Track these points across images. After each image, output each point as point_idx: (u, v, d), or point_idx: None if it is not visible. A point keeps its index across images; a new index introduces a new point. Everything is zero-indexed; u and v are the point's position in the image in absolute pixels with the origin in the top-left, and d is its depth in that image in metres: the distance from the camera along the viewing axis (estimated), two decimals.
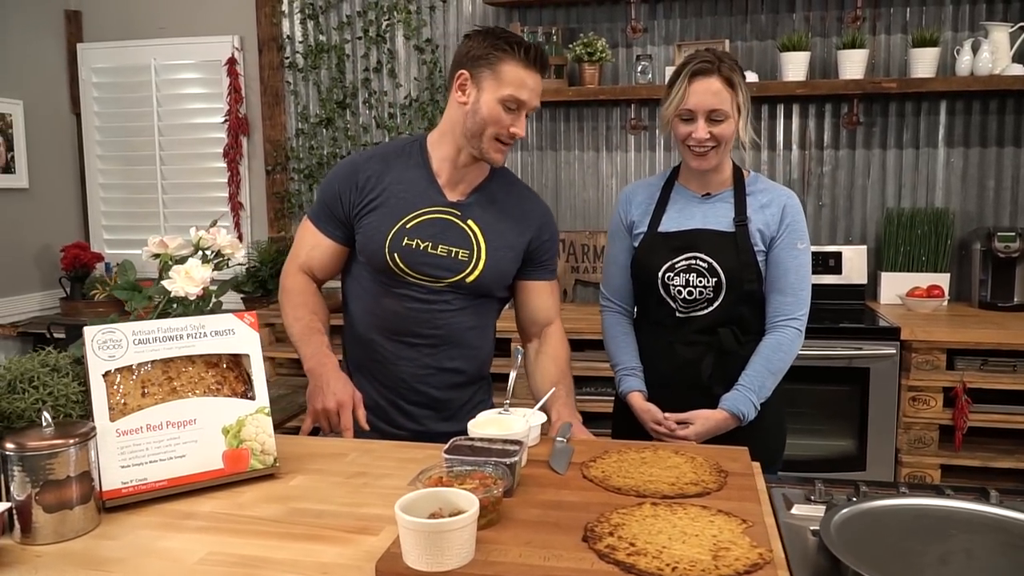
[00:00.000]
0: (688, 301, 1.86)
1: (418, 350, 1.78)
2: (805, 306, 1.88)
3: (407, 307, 1.76)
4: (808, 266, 1.89)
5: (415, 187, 1.77)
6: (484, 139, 1.70)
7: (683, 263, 1.86)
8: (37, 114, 3.90)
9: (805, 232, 1.89)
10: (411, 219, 1.74)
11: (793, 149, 3.51)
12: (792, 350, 1.85)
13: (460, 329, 1.79)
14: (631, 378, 1.93)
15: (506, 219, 1.80)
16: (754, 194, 1.89)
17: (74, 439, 1.19)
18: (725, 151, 1.84)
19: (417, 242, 1.73)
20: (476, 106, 1.69)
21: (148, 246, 1.50)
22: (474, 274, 1.75)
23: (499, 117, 1.67)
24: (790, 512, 1.28)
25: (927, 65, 3.15)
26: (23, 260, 3.84)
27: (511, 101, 1.67)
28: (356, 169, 1.79)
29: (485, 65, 1.67)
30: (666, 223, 1.91)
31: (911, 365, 2.88)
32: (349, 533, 1.18)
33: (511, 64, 1.66)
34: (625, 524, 1.14)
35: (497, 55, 1.66)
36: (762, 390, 1.81)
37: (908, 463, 2.92)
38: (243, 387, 1.42)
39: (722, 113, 1.78)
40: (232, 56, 3.90)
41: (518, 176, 2.01)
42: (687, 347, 1.87)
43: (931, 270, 3.31)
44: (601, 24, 3.59)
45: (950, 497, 1.25)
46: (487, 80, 1.67)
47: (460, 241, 1.75)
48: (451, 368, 1.80)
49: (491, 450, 1.31)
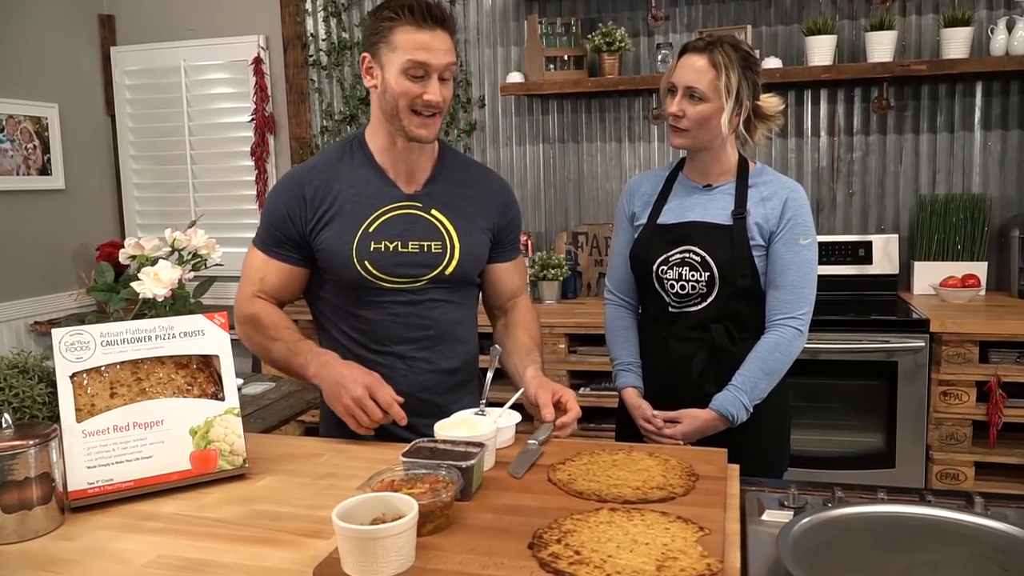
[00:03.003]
0: (681, 296, 1.81)
1: (412, 356, 1.69)
2: (807, 304, 1.79)
3: (392, 313, 1.67)
4: (812, 263, 1.81)
5: (368, 187, 1.67)
6: (401, 116, 1.59)
7: (677, 256, 1.81)
8: (72, 117, 4.00)
9: (810, 227, 1.81)
10: (373, 221, 1.65)
11: (821, 136, 3.39)
12: (790, 351, 1.78)
13: (450, 324, 1.72)
14: (627, 373, 1.89)
15: (471, 201, 1.72)
16: (756, 186, 1.82)
17: (34, 440, 1.21)
18: (701, 136, 1.77)
19: (385, 244, 1.64)
20: (384, 85, 1.59)
21: (125, 247, 1.52)
22: (452, 264, 1.67)
23: (407, 88, 1.56)
24: (760, 518, 1.23)
25: (960, 46, 3.01)
26: (61, 259, 3.96)
27: (413, 68, 1.55)
28: (300, 183, 1.66)
29: (379, 40, 1.58)
30: (665, 215, 1.87)
31: (941, 358, 2.76)
32: (301, 537, 1.17)
33: (401, 29, 1.55)
34: (576, 531, 1.11)
35: (386, 26, 1.56)
36: (755, 391, 1.75)
37: (939, 460, 2.81)
38: (213, 388, 1.42)
39: (699, 92, 1.73)
40: (258, 55, 3.94)
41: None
42: (680, 343, 1.82)
43: (967, 259, 3.17)
44: (622, 13, 3.52)
45: (930, 504, 1.18)
46: (385, 55, 1.57)
47: (429, 234, 1.67)
48: (447, 369, 1.72)
49: (452, 452, 1.28)
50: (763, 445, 1.82)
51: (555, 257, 3.41)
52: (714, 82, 1.72)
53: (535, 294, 3.43)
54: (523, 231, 3.66)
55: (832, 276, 3.25)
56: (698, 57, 1.74)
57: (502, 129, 3.75)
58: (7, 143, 3.67)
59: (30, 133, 3.78)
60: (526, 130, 3.72)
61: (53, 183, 3.90)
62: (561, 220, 3.73)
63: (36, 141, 3.81)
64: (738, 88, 1.73)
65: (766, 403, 1.78)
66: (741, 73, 1.74)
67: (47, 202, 3.89)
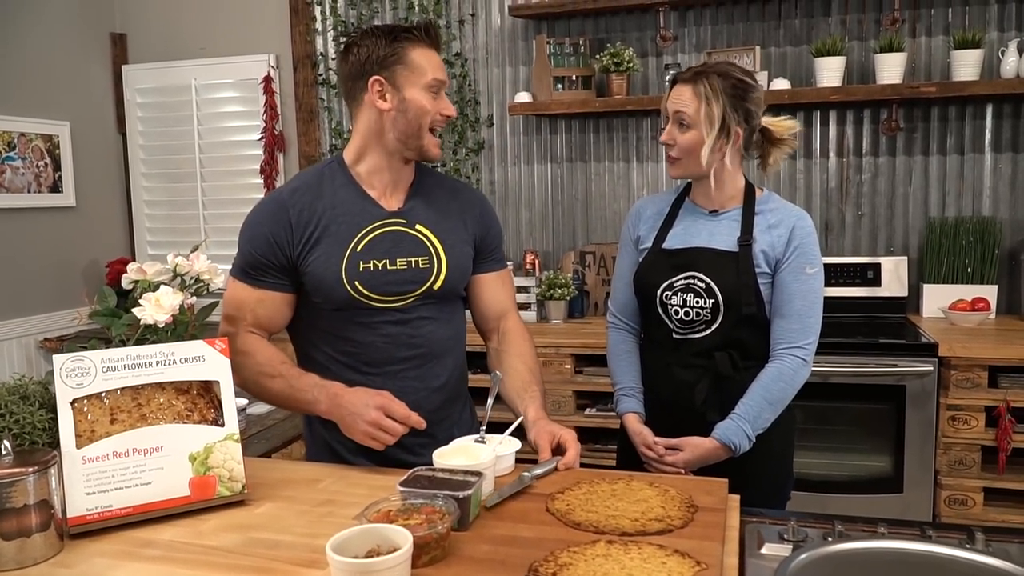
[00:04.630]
0: (685, 322, 1.80)
1: (403, 376, 1.67)
2: (812, 334, 1.78)
3: (383, 334, 1.65)
4: (818, 292, 1.79)
5: (352, 207, 1.66)
6: (423, 134, 1.64)
7: (681, 282, 1.80)
8: (84, 134, 4.04)
9: (816, 256, 1.80)
10: (360, 241, 1.64)
11: (830, 157, 3.38)
12: (795, 380, 1.76)
13: (439, 342, 1.71)
14: (628, 399, 1.88)
15: (450, 215, 1.73)
16: (763, 213, 1.81)
17: (33, 467, 1.21)
18: (692, 165, 1.78)
19: (374, 263, 1.63)
20: (403, 105, 1.61)
21: (128, 272, 1.53)
22: (440, 279, 1.67)
23: (429, 106, 1.62)
24: (759, 552, 1.22)
25: (970, 67, 2.99)
26: (71, 276, 3.98)
27: (436, 85, 1.63)
28: (283, 207, 1.64)
29: (396, 61, 1.60)
30: (671, 240, 1.86)
31: (950, 383, 2.74)
32: (296, 567, 1.17)
33: (419, 49, 1.62)
34: (572, 564, 1.10)
35: (403, 46, 1.61)
36: (758, 421, 1.73)
37: (948, 485, 2.78)
38: (213, 414, 1.43)
39: (686, 117, 1.74)
40: (268, 74, 3.97)
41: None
42: (684, 370, 1.81)
43: (977, 282, 3.15)
44: (630, 33, 3.53)
45: (930, 540, 1.17)
46: (403, 75, 1.61)
47: (416, 249, 1.67)
48: (436, 386, 1.71)
49: (450, 482, 1.28)
50: (766, 473, 1.81)
51: (562, 276, 3.41)
52: (698, 111, 1.73)
53: (541, 313, 3.43)
54: (530, 250, 3.67)
55: (840, 298, 3.24)
56: (684, 87, 1.76)
57: (510, 148, 3.76)
58: (19, 161, 3.70)
59: (41, 151, 3.81)
60: (534, 149, 3.73)
61: (64, 200, 3.93)
62: (568, 239, 3.73)
63: (47, 159, 3.84)
64: (723, 117, 1.73)
65: (770, 431, 1.77)
66: (728, 102, 1.73)
67: (58, 219, 3.92)
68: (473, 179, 3.78)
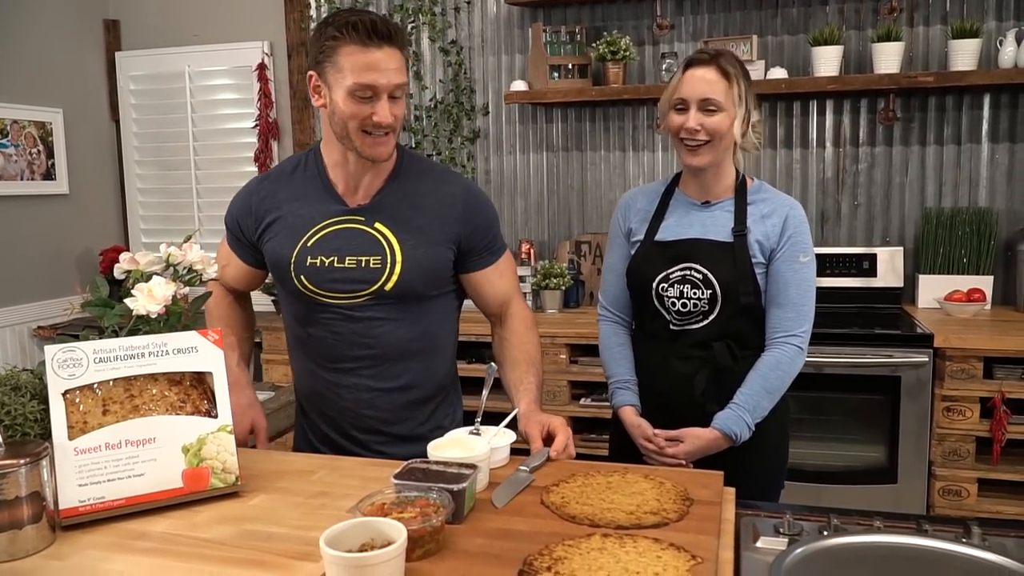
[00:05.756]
0: (682, 313, 1.80)
1: (357, 374, 1.66)
2: (807, 322, 1.79)
3: (334, 332, 1.64)
4: (811, 280, 1.80)
5: (312, 200, 1.65)
6: (352, 137, 1.54)
7: (677, 274, 1.80)
8: (77, 122, 4.01)
9: (809, 244, 1.81)
10: (312, 236, 1.63)
11: (827, 147, 3.37)
12: (792, 368, 1.77)
13: (398, 343, 1.65)
14: (624, 392, 1.87)
15: (422, 212, 1.64)
16: (756, 203, 1.81)
17: (24, 459, 1.20)
18: (720, 149, 1.77)
19: (321, 259, 1.61)
20: (333, 106, 1.54)
21: (121, 262, 1.51)
22: (392, 280, 1.60)
23: (355, 110, 1.50)
24: (755, 545, 1.21)
25: (968, 57, 2.98)
26: (65, 264, 3.97)
27: (360, 89, 1.49)
28: (249, 193, 1.72)
29: (325, 60, 1.51)
30: (664, 232, 1.85)
31: (945, 374, 2.74)
32: (290, 559, 1.16)
33: (347, 49, 1.48)
34: (567, 558, 1.09)
35: (331, 45, 1.49)
36: (757, 410, 1.73)
37: (942, 476, 2.78)
38: (207, 405, 1.42)
39: (715, 103, 1.72)
40: (262, 62, 3.94)
41: (436, 167, 1.79)
42: (681, 361, 1.80)
43: (973, 273, 3.15)
44: (627, 22, 3.51)
45: (926, 534, 1.17)
46: (331, 75, 1.51)
47: (368, 248, 1.61)
48: (399, 387, 1.67)
49: (445, 474, 1.27)
50: (763, 462, 1.81)
51: (557, 266, 3.40)
52: (727, 91, 1.73)
53: (537, 303, 3.42)
54: (525, 239, 3.66)
55: (836, 288, 3.24)
56: (706, 69, 1.74)
57: (506, 137, 3.74)
58: (11, 148, 3.67)
59: (35, 138, 3.78)
60: (530, 138, 3.71)
61: (57, 188, 3.91)
62: (564, 229, 3.72)
63: (40, 146, 3.81)
64: (745, 97, 1.75)
65: (766, 420, 1.77)
66: (745, 82, 1.76)
67: (51, 207, 3.89)
68: (468, 168, 3.76)
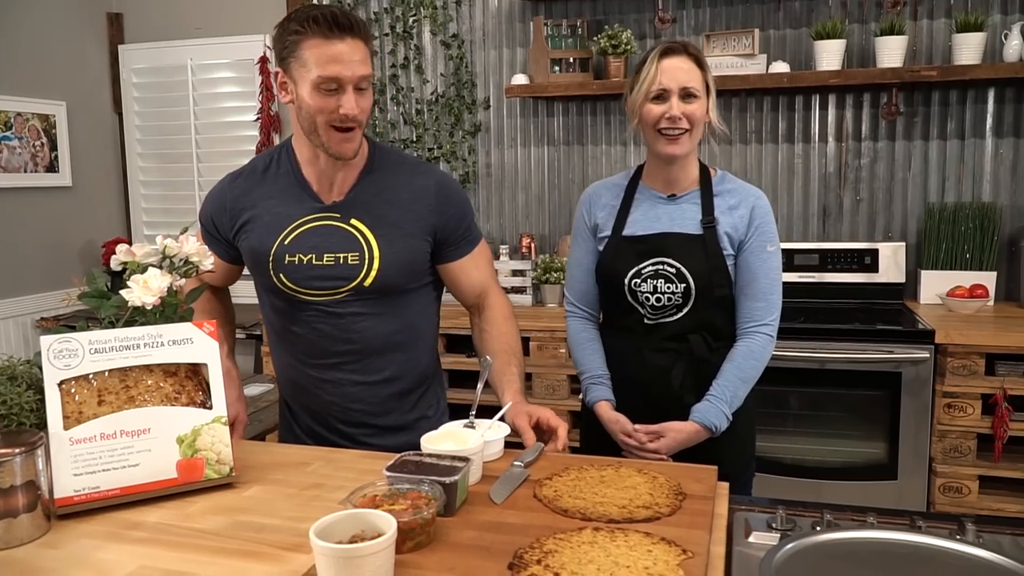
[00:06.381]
0: (656, 308, 1.80)
1: (340, 369, 1.68)
2: (776, 310, 1.81)
3: (315, 328, 1.66)
4: (778, 269, 1.83)
5: (287, 198, 1.66)
6: (320, 133, 1.55)
7: (650, 268, 1.80)
8: (80, 114, 4.02)
9: (775, 234, 1.83)
10: (288, 234, 1.64)
11: (829, 142, 3.36)
12: (763, 357, 1.79)
13: (379, 337, 1.67)
14: (598, 387, 1.87)
15: (397, 206, 1.65)
16: (722, 195, 1.82)
17: (20, 448, 1.20)
18: (696, 137, 1.78)
19: (299, 257, 1.62)
20: (300, 102, 1.54)
21: (117, 254, 1.51)
22: (371, 275, 1.62)
23: (322, 104, 1.51)
24: (747, 540, 1.21)
25: (972, 51, 2.97)
26: (67, 256, 3.98)
27: (324, 82, 1.49)
28: (223, 191, 1.73)
29: (289, 55, 1.52)
30: (631, 226, 1.84)
31: (946, 370, 2.73)
32: (282, 550, 1.16)
33: (309, 43, 1.48)
34: (558, 551, 1.09)
35: (293, 39, 1.50)
36: (734, 400, 1.75)
37: (943, 473, 2.78)
38: (201, 396, 1.42)
39: (693, 91, 1.74)
40: (264, 55, 3.94)
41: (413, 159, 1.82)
42: (657, 354, 1.81)
43: (976, 268, 3.13)
44: (628, 15, 3.50)
45: (920, 531, 1.16)
46: (296, 70, 1.51)
47: (346, 245, 1.62)
48: (383, 379, 1.70)
49: (437, 467, 1.27)
50: (735, 452, 1.82)
51: (558, 260, 3.40)
52: (701, 79, 1.75)
53: (537, 297, 3.42)
54: (526, 233, 3.65)
55: (837, 284, 3.23)
56: (681, 59, 1.75)
57: (507, 131, 3.73)
58: (15, 140, 3.68)
59: (38, 130, 3.79)
60: (531, 132, 3.71)
61: (60, 180, 3.92)
62: (565, 223, 3.71)
63: (44, 138, 3.82)
64: (711, 84, 1.78)
65: (738, 410, 1.78)
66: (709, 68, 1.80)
67: (54, 199, 3.90)
68: (469, 162, 3.76)
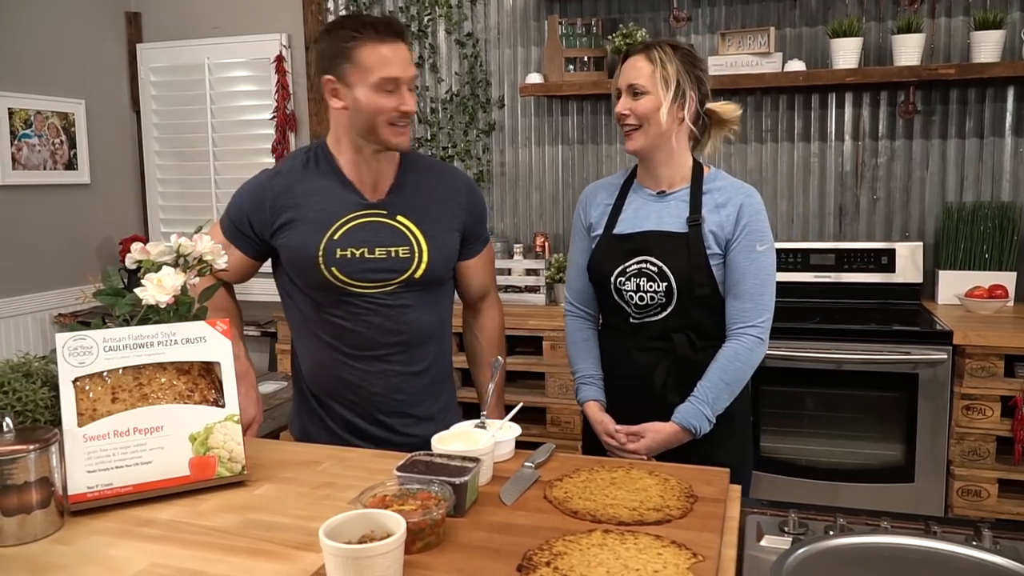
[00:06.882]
0: (640, 307, 1.79)
1: (387, 360, 1.73)
2: (766, 312, 1.77)
3: (365, 320, 1.71)
4: (770, 269, 1.78)
5: (331, 195, 1.71)
6: (380, 130, 1.63)
7: (634, 267, 1.79)
8: (98, 113, 4.05)
9: (766, 232, 1.78)
10: (338, 229, 1.69)
11: (845, 140, 3.33)
12: (751, 359, 1.75)
13: (423, 328, 1.75)
14: (588, 387, 1.87)
15: (436, 203, 1.76)
16: (710, 192, 1.79)
17: (34, 445, 1.22)
18: (652, 134, 1.75)
19: (352, 251, 1.68)
20: (356, 104, 1.62)
21: (132, 252, 1.52)
22: (422, 268, 1.71)
23: (383, 104, 1.61)
24: (759, 544, 1.20)
25: (991, 49, 2.93)
26: (85, 252, 4.01)
27: (385, 83, 1.60)
28: (262, 188, 1.74)
29: (343, 60, 1.60)
30: (621, 224, 1.84)
31: (964, 371, 2.70)
32: (292, 549, 1.17)
33: (366, 47, 1.58)
34: (567, 553, 1.09)
35: (349, 45, 1.59)
36: (717, 402, 1.73)
37: (961, 476, 2.74)
38: (214, 394, 1.43)
39: (639, 87, 1.73)
40: (280, 54, 3.95)
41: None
42: (642, 353, 1.80)
43: (995, 268, 3.10)
44: (643, 14, 3.48)
45: (935, 536, 1.15)
46: (352, 74, 1.60)
47: (396, 239, 1.70)
48: (423, 369, 1.77)
49: (448, 467, 1.27)
50: (727, 453, 1.75)
51: None
52: (651, 75, 1.72)
53: (550, 296, 3.41)
54: (540, 232, 3.65)
55: (854, 284, 3.20)
56: (636, 57, 1.76)
57: (521, 130, 3.73)
58: (35, 138, 3.72)
59: (57, 128, 3.83)
60: (545, 131, 3.70)
61: (79, 178, 3.95)
62: None
63: (63, 136, 3.86)
64: (677, 80, 1.73)
65: (729, 410, 1.76)
66: (680, 67, 1.74)
67: (73, 196, 3.94)
68: (483, 160, 3.76)
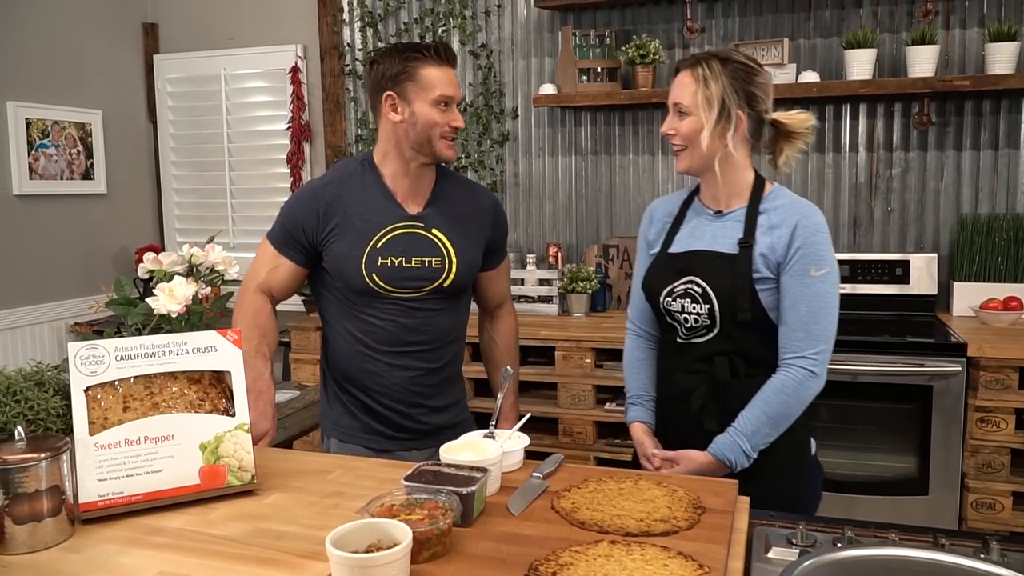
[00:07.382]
0: (687, 328, 1.73)
1: (411, 356, 1.89)
2: (821, 342, 1.63)
3: (394, 320, 1.86)
4: (827, 296, 1.64)
5: (376, 207, 1.86)
6: (434, 142, 1.81)
7: (681, 287, 1.73)
8: (115, 123, 4.10)
9: (824, 256, 1.64)
10: (380, 238, 1.84)
11: (860, 151, 3.32)
12: (800, 394, 1.63)
13: (444, 330, 1.92)
14: (635, 407, 1.85)
15: (465, 219, 1.93)
16: (766, 212, 1.69)
17: (45, 453, 1.23)
18: (697, 155, 1.68)
19: (391, 260, 1.83)
20: (413, 118, 1.80)
21: (144, 262, 1.54)
22: (450, 278, 1.88)
23: (439, 118, 1.80)
24: (766, 556, 1.20)
25: (1005, 60, 2.92)
26: (102, 262, 4.05)
27: (442, 100, 1.79)
28: (315, 196, 1.86)
29: (406, 79, 1.79)
30: (677, 243, 1.78)
31: (979, 384, 2.68)
32: (301, 558, 1.17)
33: (428, 68, 1.79)
34: (573, 564, 1.09)
35: (412, 65, 1.79)
36: (756, 436, 1.62)
37: (975, 488, 2.72)
38: (225, 403, 1.44)
39: (683, 107, 1.66)
40: (295, 65, 3.99)
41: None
42: (685, 375, 1.74)
43: (1010, 280, 3.07)
44: (657, 25, 3.49)
45: (943, 549, 1.14)
46: (413, 91, 1.79)
47: (430, 251, 1.87)
48: (441, 366, 1.93)
49: (456, 477, 1.28)
50: (778, 493, 1.61)
51: (584, 270, 3.39)
52: (694, 95, 1.64)
53: (564, 307, 3.41)
54: (553, 243, 3.65)
55: (868, 295, 3.19)
56: (684, 73, 1.68)
57: (534, 140, 3.74)
58: (52, 148, 3.76)
59: (74, 138, 3.87)
60: (558, 142, 3.71)
61: (96, 187, 4.00)
62: (592, 233, 3.70)
63: (80, 146, 3.90)
64: (722, 99, 1.63)
65: (774, 447, 1.65)
66: (728, 85, 1.64)
67: (89, 206, 3.98)
68: (497, 171, 3.77)
